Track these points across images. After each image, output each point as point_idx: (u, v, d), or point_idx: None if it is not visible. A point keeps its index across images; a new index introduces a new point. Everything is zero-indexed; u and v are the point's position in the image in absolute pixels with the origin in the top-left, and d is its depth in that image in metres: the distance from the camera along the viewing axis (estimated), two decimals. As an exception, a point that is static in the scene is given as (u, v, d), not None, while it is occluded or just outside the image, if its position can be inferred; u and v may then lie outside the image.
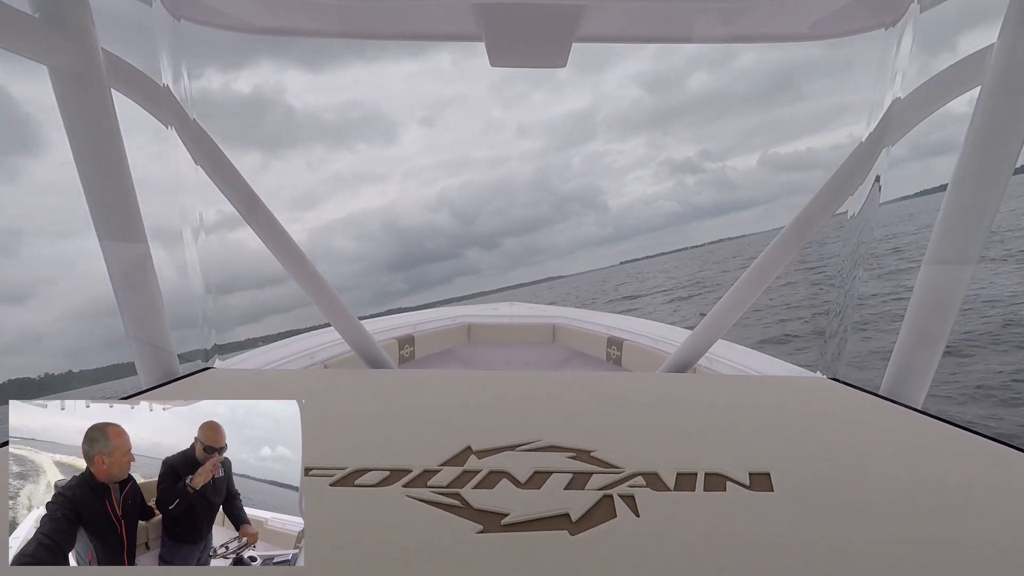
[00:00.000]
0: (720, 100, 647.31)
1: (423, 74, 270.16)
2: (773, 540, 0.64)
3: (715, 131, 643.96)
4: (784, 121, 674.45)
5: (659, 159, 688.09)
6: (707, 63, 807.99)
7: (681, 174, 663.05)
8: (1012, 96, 1.07)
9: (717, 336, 1.66)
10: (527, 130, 47.63)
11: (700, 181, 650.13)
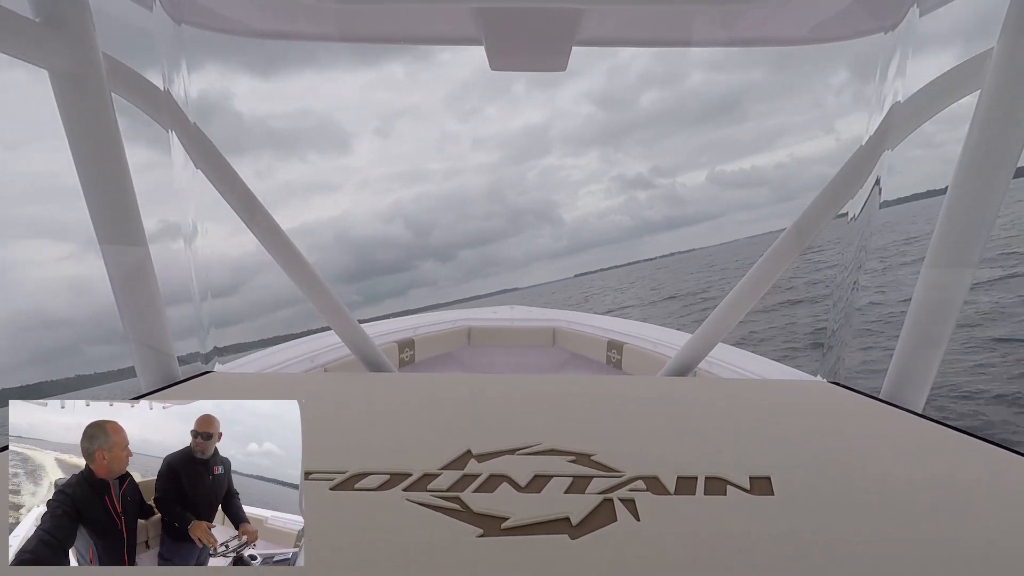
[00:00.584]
0: (670, 118, 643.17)
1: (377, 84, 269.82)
2: (774, 544, 0.63)
3: (665, 148, 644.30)
4: (730, 140, 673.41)
5: (612, 174, 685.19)
6: (658, 82, 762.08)
7: (633, 189, 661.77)
8: (1011, 100, 1.07)
9: (717, 339, 1.66)
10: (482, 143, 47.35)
11: (651, 196, 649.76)
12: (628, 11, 1.34)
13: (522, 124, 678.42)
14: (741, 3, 1.25)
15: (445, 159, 49.81)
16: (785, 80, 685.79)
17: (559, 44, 1.36)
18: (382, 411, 1.19)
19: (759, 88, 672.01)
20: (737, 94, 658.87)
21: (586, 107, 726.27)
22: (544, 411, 1.16)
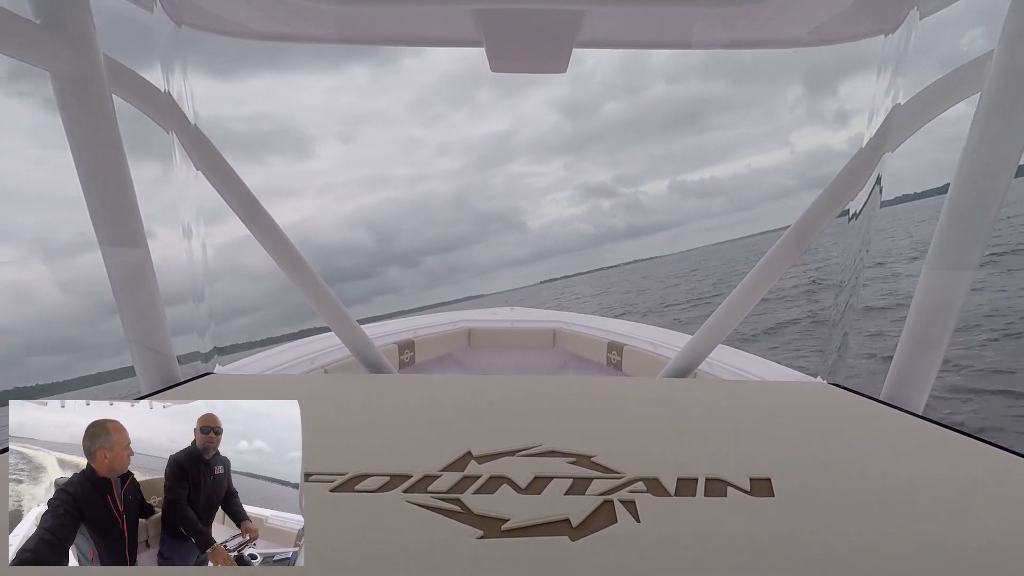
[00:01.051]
0: (632, 128, 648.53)
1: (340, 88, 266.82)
2: (774, 545, 0.63)
3: (628, 157, 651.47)
4: (690, 151, 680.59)
5: (576, 182, 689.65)
6: (621, 92, 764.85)
7: (597, 197, 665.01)
8: (1011, 102, 1.07)
9: (718, 341, 1.66)
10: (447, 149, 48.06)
11: (615, 205, 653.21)
12: (628, 13, 1.34)
13: (487, 131, 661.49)
14: (741, 5, 1.26)
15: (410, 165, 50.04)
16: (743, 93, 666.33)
17: (559, 46, 1.36)
18: (382, 412, 1.19)
19: (718, 100, 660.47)
20: (697, 106, 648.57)
21: (551, 115, 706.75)
22: (544, 412, 1.16)
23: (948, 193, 1.17)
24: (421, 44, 1.52)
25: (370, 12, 1.36)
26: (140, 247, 1.29)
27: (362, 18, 1.39)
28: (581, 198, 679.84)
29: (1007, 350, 6.45)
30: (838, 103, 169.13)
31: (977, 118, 1.11)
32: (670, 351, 2.62)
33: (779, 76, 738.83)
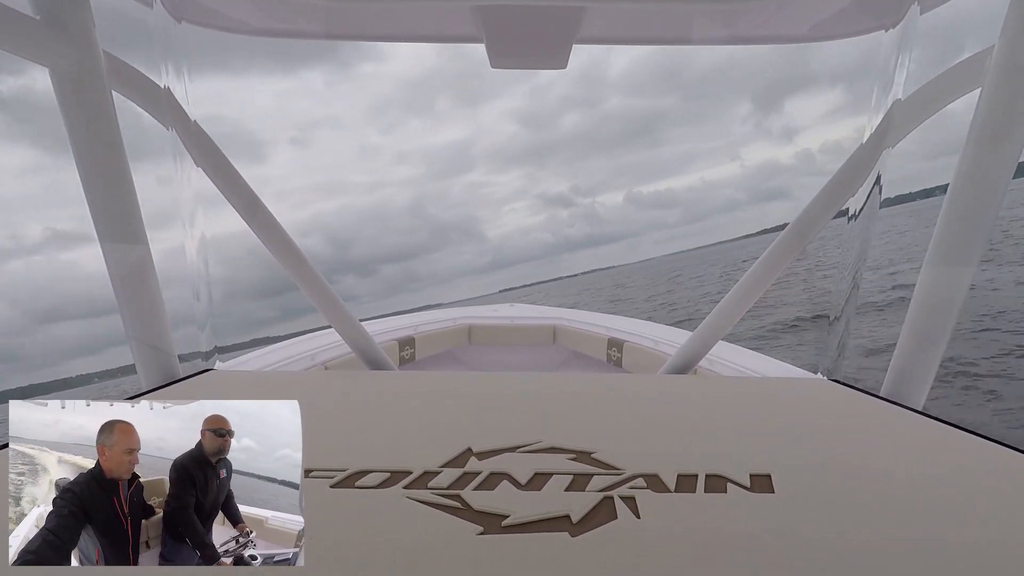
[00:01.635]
0: (590, 140, 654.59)
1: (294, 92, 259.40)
2: (774, 542, 0.63)
3: (585, 168, 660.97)
4: (646, 163, 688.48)
5: (534, 192, 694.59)
6: (578, 105, 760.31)
7: (555, 208, 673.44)
8: (1012, 98, 1.07)
9: (718, 337, 1.66)
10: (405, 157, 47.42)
11: (572, 215, 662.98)
12: (628, 9, 1.34)
13: (446, 140, 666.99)
14: (742, 2, 1.25)
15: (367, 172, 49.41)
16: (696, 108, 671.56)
17: (559, 42, 1.36)
18: (382, 409, 1.19)
19: (672, 115, 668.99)
20: (652, 120, 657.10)
21: (510, 126, 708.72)
22: (544, 409, 1.16)
23: (948, 190, 1.17)
24: (421, 40, 1.51)
25: (369, 8, 1.35)
26: (140, 244, 1.29)
27: (361, 14, 1.39)
28: (540, 208, 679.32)
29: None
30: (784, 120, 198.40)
31: (978, 114, 1.11)
32: (670, 348, 2.62)
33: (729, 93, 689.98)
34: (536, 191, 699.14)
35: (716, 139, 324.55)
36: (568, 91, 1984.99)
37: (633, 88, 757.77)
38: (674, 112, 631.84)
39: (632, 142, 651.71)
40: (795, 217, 1.51)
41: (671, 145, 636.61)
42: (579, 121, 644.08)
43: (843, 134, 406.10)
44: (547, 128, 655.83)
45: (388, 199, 44.08)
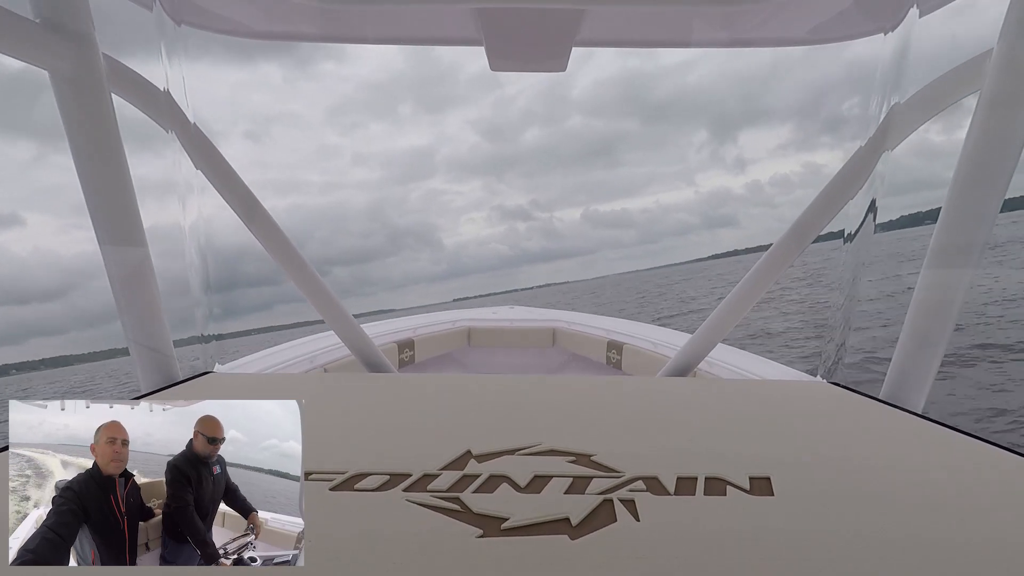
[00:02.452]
0: (550, 156, 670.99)
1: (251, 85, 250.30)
2: (774, 544, 0.63)
3: (545, 183, 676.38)
4: (604, 182, 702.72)
5: (493, 203, 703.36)
6: (540, 120, 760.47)
7: (513, 220, 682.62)
8: (1011, 100, 1.07)
9: (717, 340, 1.66)
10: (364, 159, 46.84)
11: (530, 228, 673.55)
12: (627, 12, 1.34)
13: (407, 145, 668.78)
14: (741, 4, 1.25)
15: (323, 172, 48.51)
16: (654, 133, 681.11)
17: (559, 45, 1.36)
18: (382, 411, 1.19)
19: (632, 138, 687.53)
20: (612, 141, 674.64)
21: (471, 136, 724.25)
22: (544, 411, 1.16)
23: (948, 191, 1.17)
24: (421, 43, 1.52)
25: (368, 11, 1.36)
26: (139, 246, 1.29)
27: (360, 17, 1.39)
28: (498, 219, 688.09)
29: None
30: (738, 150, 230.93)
31: (977, 116, 1.11)
32: (670, 350, 2.62)
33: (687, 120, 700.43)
34: (495, 202, 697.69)
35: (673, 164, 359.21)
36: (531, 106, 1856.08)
37: (595, 108, 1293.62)
38: (634, 135, 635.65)
39: (591, 161, 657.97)
40: (795, 220, 1.51)
41: (629, 167, 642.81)
42: (541, 136, 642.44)
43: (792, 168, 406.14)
44: (509, 141, 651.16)
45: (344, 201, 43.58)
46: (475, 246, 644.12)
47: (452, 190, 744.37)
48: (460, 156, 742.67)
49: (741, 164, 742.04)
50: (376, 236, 49.10)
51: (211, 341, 1.60)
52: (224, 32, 1.45)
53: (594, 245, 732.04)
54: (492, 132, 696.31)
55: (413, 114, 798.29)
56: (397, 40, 1.51)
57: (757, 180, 55.54)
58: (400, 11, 1.35)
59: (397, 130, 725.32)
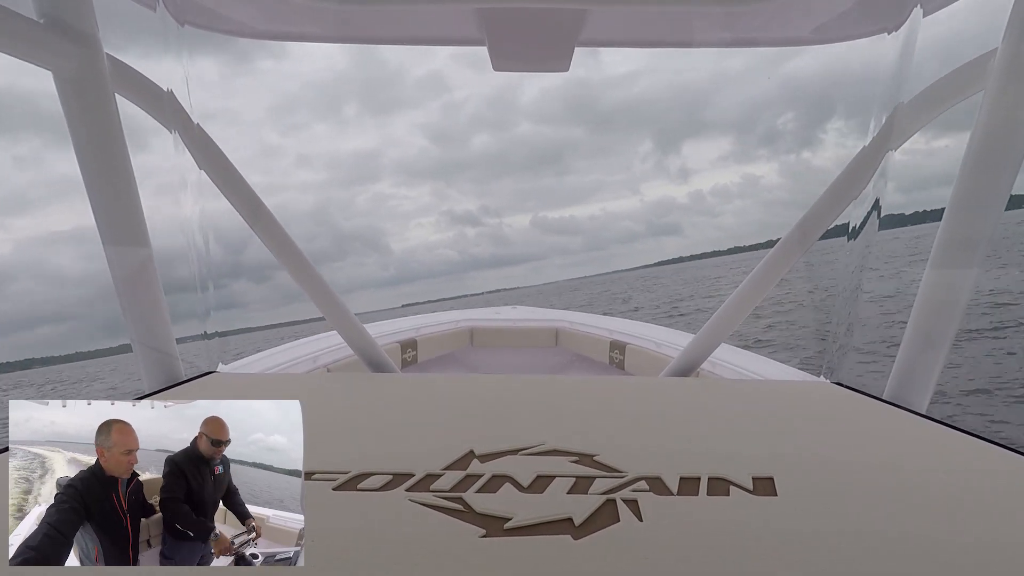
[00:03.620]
0: (499, 162, 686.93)
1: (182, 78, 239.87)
2: (777, 544, 0.63)
3: (494, 189, 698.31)
4: (552, 189, 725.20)
5: (442, 209, 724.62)
6: (489, 126, 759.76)
7: (462, 225, 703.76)
8: (1015, 100, 1.06)
9: (720, 340, 1.65)
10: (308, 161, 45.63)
11: (479, 234, 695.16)
12: (630, 12, 1.34)
13: (353, 147, 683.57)
14: (745, 4, 1.25)
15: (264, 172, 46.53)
16: (601, 142, 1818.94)
17: (561, 45, 1.36)
18: (385, 411, 1.19)
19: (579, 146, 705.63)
20: (560, 148, 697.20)
21: (420, 140, 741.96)
22: (547, 412, 1.16)
23: (952, 191, 1.17)
24: (423, 43, 1.52)
25: (373, 11, 1.36)
26: (143, 246, 1.30)
27: (365, 17, 1.39)
28: (447, 225, 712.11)
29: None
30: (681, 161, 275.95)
31: (981, 116, 1.10)
32: (673, 350, 2.62)
33: (633, 130, 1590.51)
34: (444, 207, 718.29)
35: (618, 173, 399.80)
36: (480, 111, 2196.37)
37: (543, 116, 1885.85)
38: (581, 143, 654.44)
39: (540, 168, 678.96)
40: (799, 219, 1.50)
41: (577, 175, 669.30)
42: (490, 142, 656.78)
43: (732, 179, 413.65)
44: (458, 146, 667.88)
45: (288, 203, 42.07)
46: (424, 251, 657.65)
47: (400, 194, 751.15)
48: (408, 160, 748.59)
49: (684, 174, 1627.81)
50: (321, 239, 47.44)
51: (213, 338, 1.61)
52: (227, 32, 1.45)
53: (543, 251, 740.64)
54: (440, 137, 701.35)
55: (358, 116, 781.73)
56: (400, 40, 1.51)
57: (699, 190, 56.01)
58: (403, 11, 1.35)
59: (342, 132, 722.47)
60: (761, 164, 41.90)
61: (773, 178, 40.86)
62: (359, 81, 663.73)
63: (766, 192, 43.16)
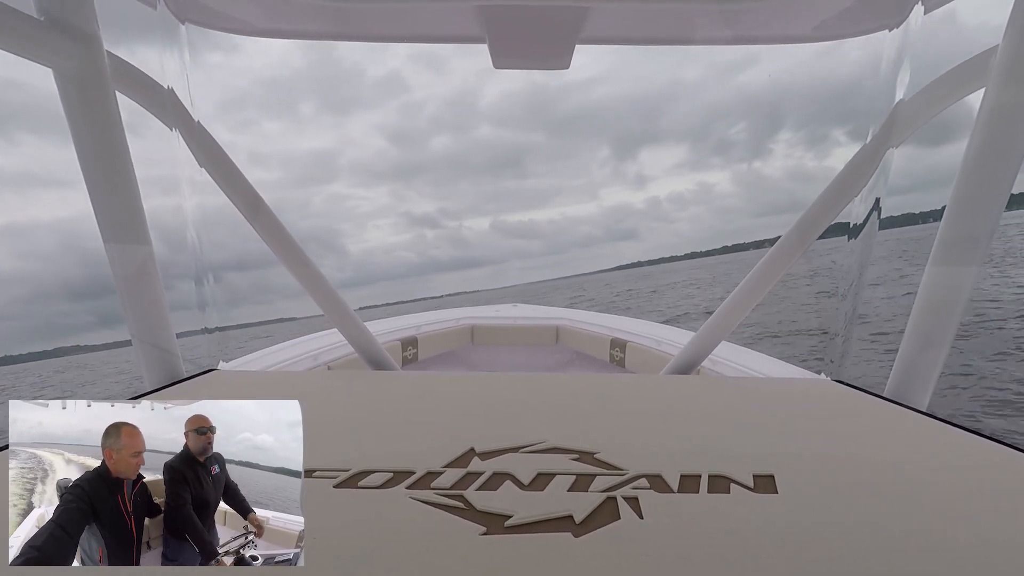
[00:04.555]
0: (459, 164, 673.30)
1: None
2: (777, 542, 0.63)
3: (453, 192, 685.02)
4: (512, 193, 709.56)
5: (400, 210, 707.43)
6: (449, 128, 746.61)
7: (421, 227, 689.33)
8: (1016, 97, 1.06)
9: (721, 338, 1.65)
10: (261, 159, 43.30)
11: (438, 236, 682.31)
12: (631, 9, 1.34)
13: (309, 147, 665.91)
14: (745, 2, 1.25)
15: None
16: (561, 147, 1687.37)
17: (562, 43, 1.36)
18: (385, 409, 1.19)
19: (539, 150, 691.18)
20: (520, 152, 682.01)
21: (378, 140, 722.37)
22: (547, 409, 1.16)
23: (953, 188, 1.17)
24: (424, 41, 1.52)
25: (373, 9, 1.35)
26: (144, 244, 1.30)
27: (365, 15, 1.39)
28: (405, 227, 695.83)
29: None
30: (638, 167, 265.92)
31: (981, 114, 1.10)
32: (673, 348, 2.62)
33: (591, 136, 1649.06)
34: (402, 209, 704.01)
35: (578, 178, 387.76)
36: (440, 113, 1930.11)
37: (503, 119, 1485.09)
38: (541, 148, 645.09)
39: (500, 171, 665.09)
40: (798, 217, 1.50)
41: (536, 179, 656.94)
42: (449, 144, 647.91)
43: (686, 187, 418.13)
44: (417, 147, 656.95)
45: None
46: (382, 253, 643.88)
47: (357, 195, 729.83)
48: (365, 160, 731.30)
49: (641, 180, 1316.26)
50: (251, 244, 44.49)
51: (214, 332, 1.61)
52: (228, 30, 1.45)
53: (503, 255, 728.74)
54: (399, 137, 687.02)
55: (314, 115, 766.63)
56: (401, 38, 1.51)
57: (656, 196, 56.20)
58: (404, 9, 1.35)
59: (298, 130, 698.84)
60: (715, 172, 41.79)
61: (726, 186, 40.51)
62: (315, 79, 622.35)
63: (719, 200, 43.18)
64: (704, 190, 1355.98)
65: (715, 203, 40.10)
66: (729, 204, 40.39)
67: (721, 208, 43.60)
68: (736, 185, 45.15)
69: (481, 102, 50.69)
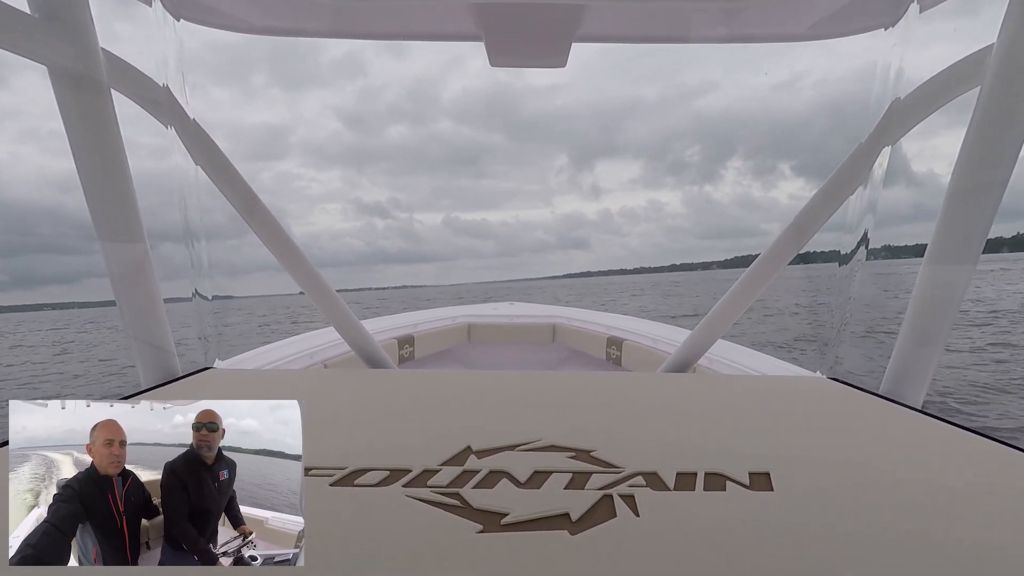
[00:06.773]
0: (415, 157, 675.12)
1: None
2: (773, 539, 0.64)
3: (407, 183, 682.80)
4: (467, 191, 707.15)
5: (351, 196, 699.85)
6: (408, 118, 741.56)
7: (371, 216, 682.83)
8: (1011, 96, 1.07)
9: (717, 336, 1.66)
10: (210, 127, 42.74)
11: (388, 227, 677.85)
12: (627, 8, 1.34)
13: (258, 120, 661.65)
14: (742, 0, 1.25)
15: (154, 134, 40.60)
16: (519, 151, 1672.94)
17: (559, 41, 1.36)
18: (382, 407, 1.19)
19: (497, 151, 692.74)
20: (478, 151, 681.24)
21: (332, 122, 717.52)
22: (544, 407, 1.16)
23: (948, 187, 1.17)
24: (420, 39, 1.51)
25: (369, 7, 1.35)
26: (139, 243, 1.29)
27: (361, 13, 1.39)
28: (354, 214, 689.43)
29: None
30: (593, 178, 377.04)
31: (977, 112, 1.11)
32: (670, 346, 2.63)
33: (550, 143, 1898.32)
34: (353, 196, 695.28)
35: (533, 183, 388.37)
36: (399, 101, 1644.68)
37: (464, 116, 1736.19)
38: (499, 149, 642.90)
39: (457, 168, 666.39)
40: (795, 215, 1.51)
41: (493, 179, 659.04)
42: (407, 134, 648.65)
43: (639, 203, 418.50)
44: (373, 134, 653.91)
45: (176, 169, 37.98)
46: (328, 239, 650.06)
47: (307, 176, 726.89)
48: (318, 141, 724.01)
49: (596, 192, 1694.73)
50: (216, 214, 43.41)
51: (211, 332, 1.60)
52: (223, 27, 1.45)
53: (453, 252, 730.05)
54: (355, 121, 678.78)
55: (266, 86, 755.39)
56: (397, 36, 1.50)
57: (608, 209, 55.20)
58: (399, 6, 1.35)
59: (247, 101, 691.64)
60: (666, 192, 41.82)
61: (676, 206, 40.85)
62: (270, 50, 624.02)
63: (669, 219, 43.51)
64: (655, 208, 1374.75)
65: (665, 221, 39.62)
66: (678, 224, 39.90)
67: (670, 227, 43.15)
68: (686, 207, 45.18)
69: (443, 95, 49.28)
